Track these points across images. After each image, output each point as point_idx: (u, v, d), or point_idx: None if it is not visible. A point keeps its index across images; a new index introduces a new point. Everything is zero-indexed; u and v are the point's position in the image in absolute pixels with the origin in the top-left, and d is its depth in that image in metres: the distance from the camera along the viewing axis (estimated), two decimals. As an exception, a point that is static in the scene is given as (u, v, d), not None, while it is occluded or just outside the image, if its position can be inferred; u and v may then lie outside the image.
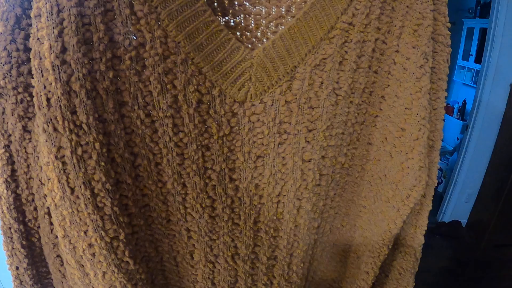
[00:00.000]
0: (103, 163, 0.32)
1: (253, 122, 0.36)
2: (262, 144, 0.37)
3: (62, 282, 0.44)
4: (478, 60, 2.79)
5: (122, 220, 0.36)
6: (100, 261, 0.37)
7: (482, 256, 2.43)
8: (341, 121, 0.39)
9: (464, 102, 3.35)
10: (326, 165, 0.42)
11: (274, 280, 0.49)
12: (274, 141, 0.37)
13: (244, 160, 0.38)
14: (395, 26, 0.36)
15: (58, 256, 0.42)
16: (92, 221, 0.34)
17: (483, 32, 2.63)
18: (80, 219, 0.34)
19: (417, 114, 0.37)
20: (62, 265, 0.42)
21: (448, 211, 2.72)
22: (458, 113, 3.40)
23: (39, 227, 0.41)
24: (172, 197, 0.39)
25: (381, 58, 0.38)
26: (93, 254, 0.37)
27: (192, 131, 0.34)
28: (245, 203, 0.41)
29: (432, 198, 0.49)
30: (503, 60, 2.39)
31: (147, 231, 0.41)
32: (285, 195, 0.42)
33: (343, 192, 0.51)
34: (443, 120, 0.45)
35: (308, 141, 0.38)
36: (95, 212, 0.34)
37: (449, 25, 0.38)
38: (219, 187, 0.38)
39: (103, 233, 0.35)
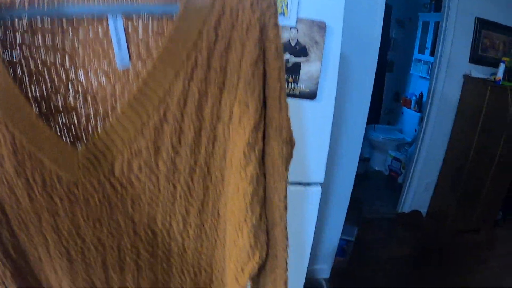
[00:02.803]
0: None
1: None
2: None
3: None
4: (433, 53, 2.73)
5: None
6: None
7: (443, 243, 2.49)
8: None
9: (421, 95, 3.41)
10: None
11: None
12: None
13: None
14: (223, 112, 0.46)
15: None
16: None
17: (438, 26, 2.57)
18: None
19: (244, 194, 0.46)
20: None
21: (408, 202, 2.76)
22: (416, 105, 3.47)
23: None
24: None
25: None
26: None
27: (40, 196, 0.47)
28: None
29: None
30: (455, 52, 2.41)
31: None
32: None
33: None
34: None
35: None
36: None
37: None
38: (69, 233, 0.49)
39: None
